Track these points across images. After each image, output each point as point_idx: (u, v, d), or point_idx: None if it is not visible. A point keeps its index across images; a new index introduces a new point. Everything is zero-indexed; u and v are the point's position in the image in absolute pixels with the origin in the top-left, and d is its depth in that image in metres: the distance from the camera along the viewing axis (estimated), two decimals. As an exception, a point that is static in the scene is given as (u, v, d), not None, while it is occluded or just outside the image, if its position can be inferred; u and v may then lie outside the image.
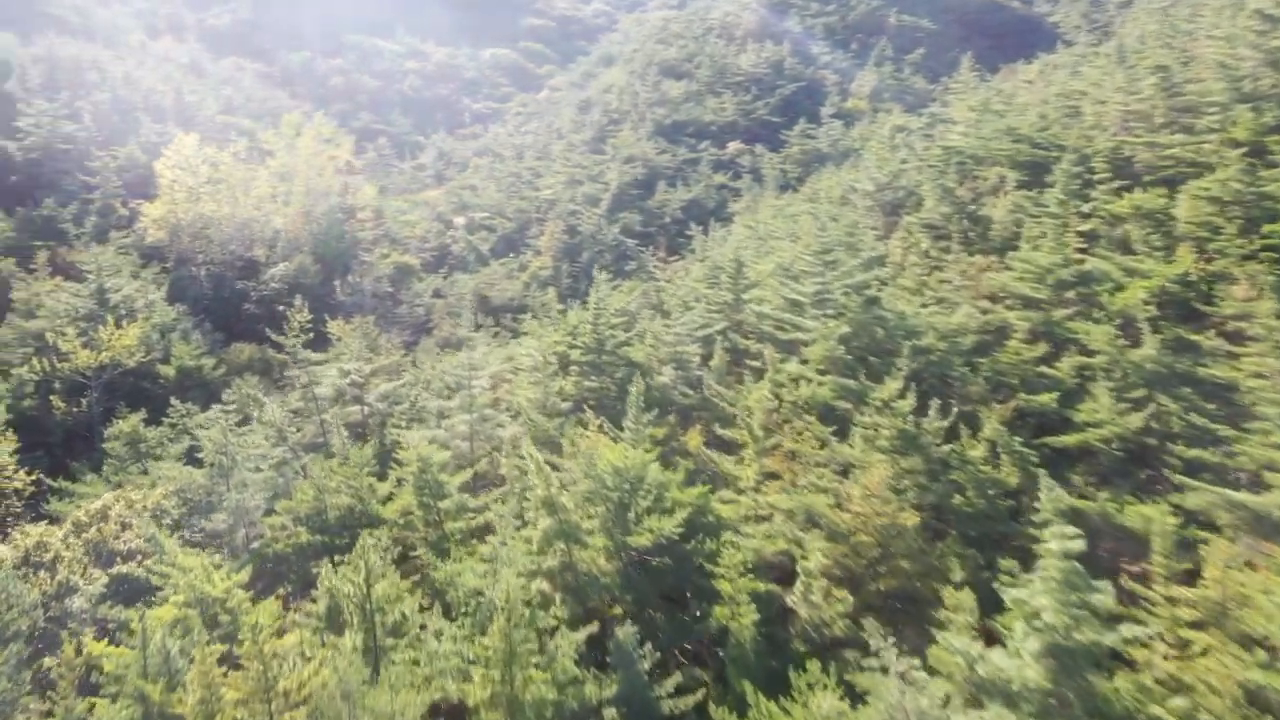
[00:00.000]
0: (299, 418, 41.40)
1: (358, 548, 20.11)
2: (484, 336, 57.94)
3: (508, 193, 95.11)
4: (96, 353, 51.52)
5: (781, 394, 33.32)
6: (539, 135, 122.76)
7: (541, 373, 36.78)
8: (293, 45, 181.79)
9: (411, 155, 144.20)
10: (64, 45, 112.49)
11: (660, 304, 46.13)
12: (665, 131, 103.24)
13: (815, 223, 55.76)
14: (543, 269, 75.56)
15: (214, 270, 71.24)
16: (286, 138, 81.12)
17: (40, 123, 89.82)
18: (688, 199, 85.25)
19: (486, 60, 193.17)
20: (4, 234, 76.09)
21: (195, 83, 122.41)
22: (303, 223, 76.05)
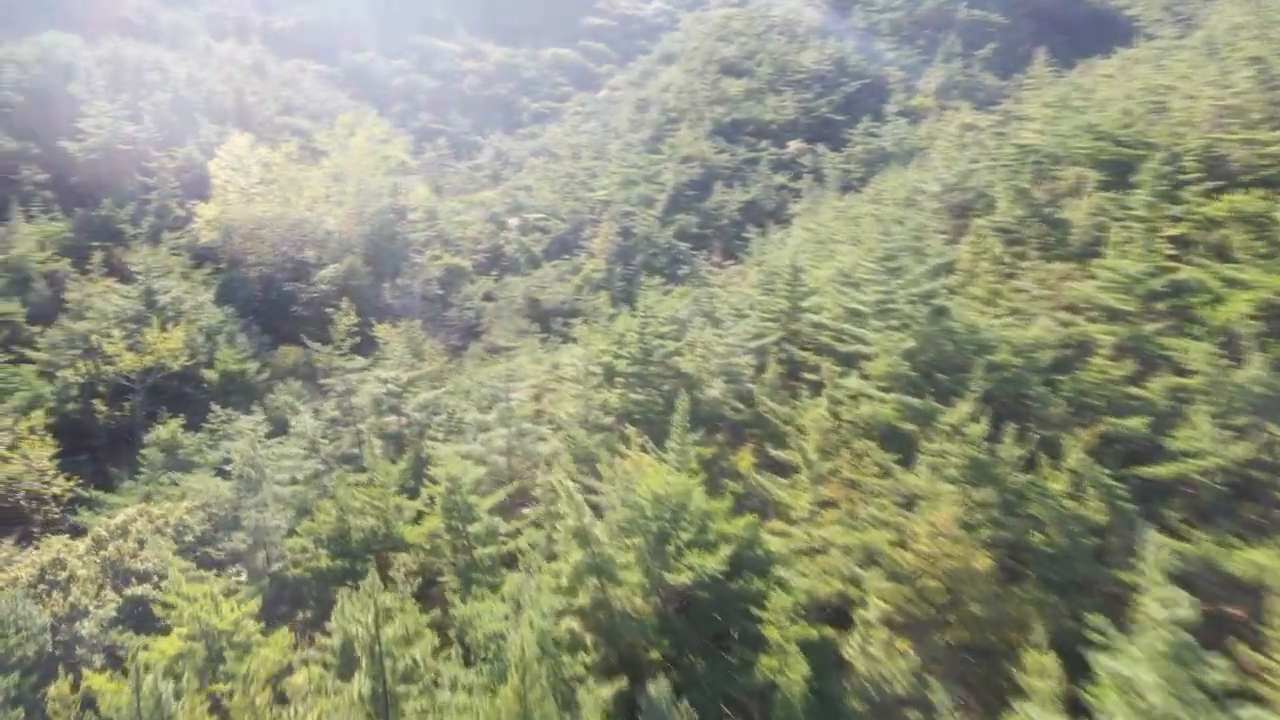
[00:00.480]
0: (335, 427, 39.93)
1: (364, 585, 18.19)
2: (532, 342, 56.13)
3: (562, 193, 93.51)
4: (140, 356, 50.89)
5: (840, 412, 30.82)
6: (595, 135, 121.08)
7: (583, 385, 34.72)
8: (355, 47, 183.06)
9: (469, 155, 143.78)
10: (128, 47, 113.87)
11: (712, 311, 43.78)
12: (724, 130, 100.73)
13: (879, 226, 52.95)
14: (595, 272, 73.73)
15: (265, 272, 70.70)
16: (340, 138, 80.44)
17: (101, 124, 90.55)
18: (746, 200, 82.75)
19: (546, 60, 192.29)
20: (62, 234, 76.61)
21: (256, 84, 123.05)
22: (354, 224, 75.26)
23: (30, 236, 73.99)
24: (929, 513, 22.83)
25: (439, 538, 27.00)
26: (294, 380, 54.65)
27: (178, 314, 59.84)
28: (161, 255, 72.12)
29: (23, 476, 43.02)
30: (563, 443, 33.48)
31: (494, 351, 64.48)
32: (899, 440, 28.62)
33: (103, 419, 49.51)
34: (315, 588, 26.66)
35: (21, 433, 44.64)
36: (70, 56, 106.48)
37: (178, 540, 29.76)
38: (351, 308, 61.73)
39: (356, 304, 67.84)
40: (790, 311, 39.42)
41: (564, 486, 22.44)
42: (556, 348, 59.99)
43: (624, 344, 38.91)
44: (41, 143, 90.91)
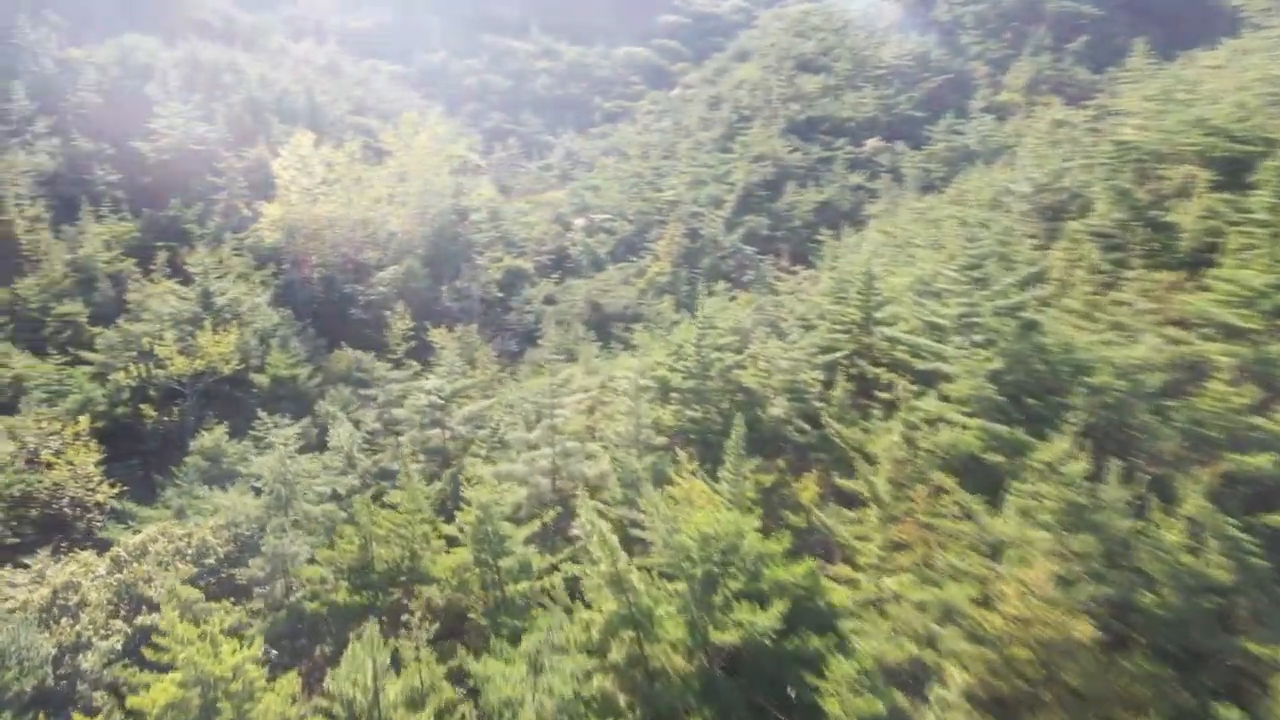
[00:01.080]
0: (376, 439, 38.03)
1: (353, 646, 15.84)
2: (589, 349, 53.77)
3: (629, 193, 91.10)
4: (191, 359, 49.90)
5: (916, 439, 27.63)
6: (666, 134, 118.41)
7: (633, 401, 32.08)
8: (429, 47, 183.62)
9: (540, 155, 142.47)
10: (205, 49, 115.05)
11: (778, 321, 40.77)
12: (798, 128, 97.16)
13: (962, 229, 49.24)
14: (660, 275, 71.11)
15: (325, 273, 69.74)
16: (405, 137, 79.26)
17: (173, 124, 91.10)
18: (819, 201, 79.21)
19: (620, 58, 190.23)
20: (130, 234, 76.87)
21: (329, 84, 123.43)
22: (416, 224, 73.95)
23: (98, 236, 74.31)
24: (1019, 566, 19.66)
25: (468, 571, 24.67)
26: (345, 386, 53.19)
27: (234, 316, 58.97)
28: (223, 256, 71.75)
29: (67, 483, 42.15)
30: (610, 466, 30.93)
31: (551, 358, 62.30)
32: (983, 474, 25.38)
33: (152, 424, 48.59)
34: (333, 623, 24.58)
35: (68, 438, 43.80)
36: (148, 58, 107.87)
37: (198, 563, 28.00)
38: (407, 311, 60.45)
39: (414, 307, 66.55)
40: (863, 323, 36.24)
41: (597, 528, 19.84)
42: (616, 355, 57.57)
43: (680, 356, 36.24)
44: (116, 143, 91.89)
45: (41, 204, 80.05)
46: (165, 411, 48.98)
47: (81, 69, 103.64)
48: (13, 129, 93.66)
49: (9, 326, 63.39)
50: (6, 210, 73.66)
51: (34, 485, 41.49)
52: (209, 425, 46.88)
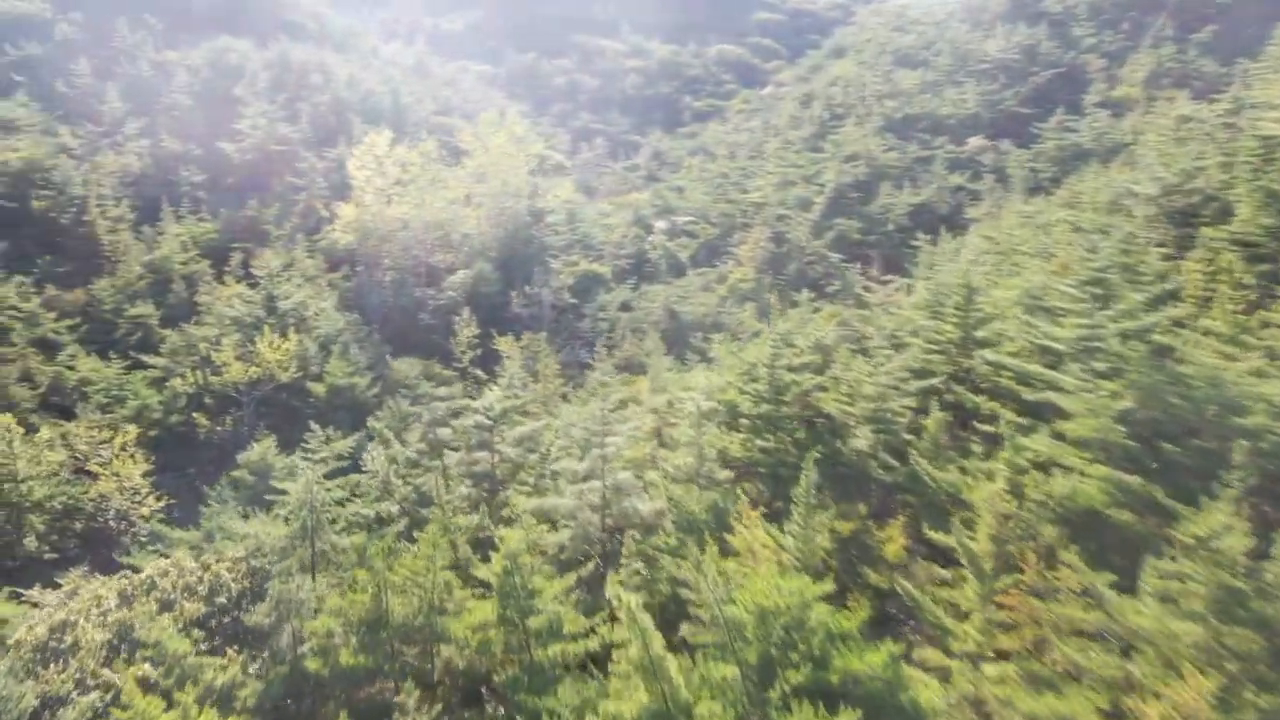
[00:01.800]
0: (423, 461, 35.22)
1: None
2: (660, 363, 50.26)
3: (714, 195, 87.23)
4: (247, 366, 48.17)
5: (1023, 485, 23.37)
6: (755, 133, 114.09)
7: (694, 430, 28.41)
8: (521, 47, 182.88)
9: (626, 156, 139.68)
10: (295, 50, 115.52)
11: (865, 338, 36.55)
12: (895, 126, 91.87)
13: (1077, 236, 44.14)
14: (742, 282, 67.17)
15: (396, 276, 67.91)
16: (484, 137, 77.07)
17: (257, 124, 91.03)
18: (915, 203, 74.11)
19: (712, 56, 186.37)
20: (207, 235, 76.54)
21: (415, 85, 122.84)
22: (490, 226, 71.64)
23: (177, 237, 74.10)
24: (1161, 670, 15.41)
25: (492, 629, 21.45)
26: (405, 397, 50.87)
27: (298, 321, 57.39)
28: (296, 257, 70.61)
29: (113, 495, 40.63)
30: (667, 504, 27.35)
31: (627, 368, 59.00)
32: (1109, 535, 21.07)
33: (205, 433, 46.96)
34: (339, 686, 21.63)
35: (116, 447, 42.32)
36: (239, 59, 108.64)
37: (210, 600, 25.44)
38: (472, 318, 57.92)
39: (483, 313, 64.11)
40: (961, 342, 31.83)
41: (626, 602, 16.31)
42: (692, 367, 53.93)
43: (752, 377, 32.45)
44: (202, 144, 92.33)
45: (126, 205, 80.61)
46: (219, 421, 47.28)
47: (174, 71, 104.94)
48: (105, 130, 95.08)
49: (82, 328, 63.24)
50: (89, 211, 74.03)
51: (78, 497, 40.08)
52: (260, 436, 44.98)
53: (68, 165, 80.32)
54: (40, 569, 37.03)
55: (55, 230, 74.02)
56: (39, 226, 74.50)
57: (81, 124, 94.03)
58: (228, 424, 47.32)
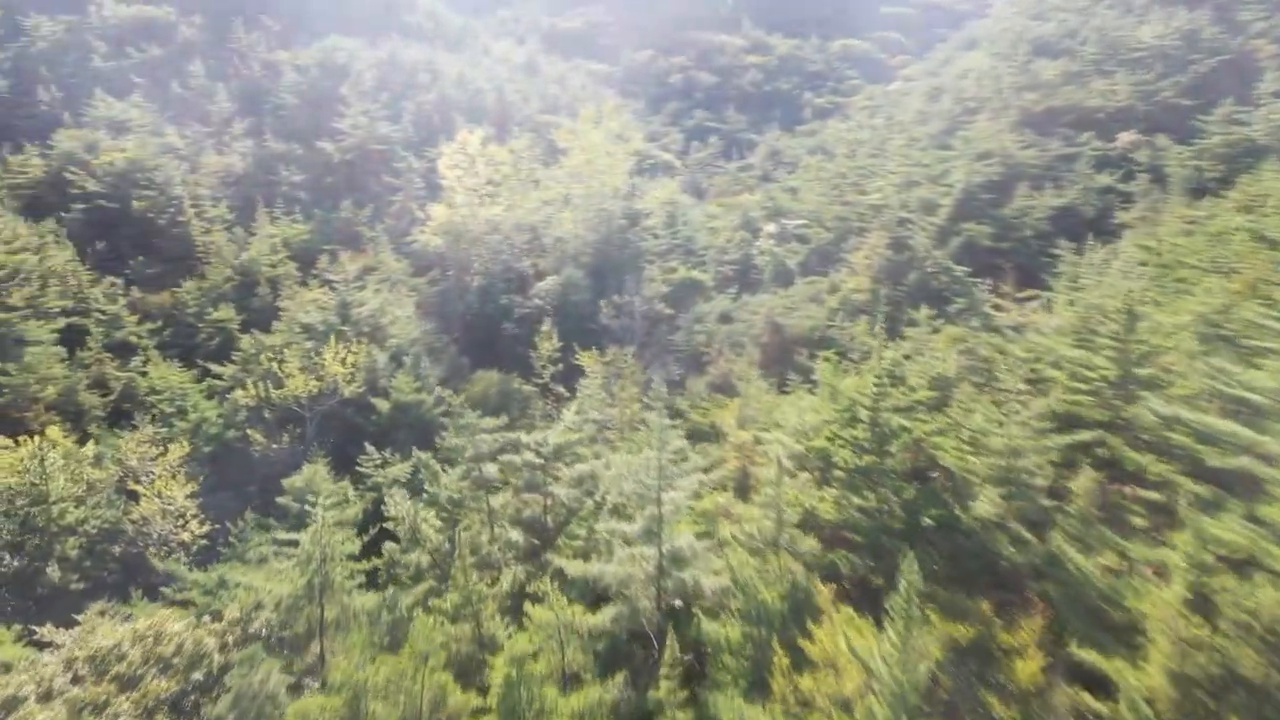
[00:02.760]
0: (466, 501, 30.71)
1: None
2: (755, 386, 44.70)
3: (829, 196, 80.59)
4: (307, 378, 44.86)
5: (1213, 591, 17.18)
6: (878, 130, 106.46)
7: (774, 490, 22.88)
8: (638, 45, 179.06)
9: (741, 155, 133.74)
10: (405, 49, 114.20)
11: (993, 372, 30.19)
12: (1033, 121, 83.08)
13: (1262, 246, 36.50)
14: (856, 292, 60.70)
15: (483, 283, 64.25)
16: (583, 134, 72.74)
17: (358, 124, 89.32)
18: (1057, 205, 65.91)
19: (835, 51, 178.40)
20: (300, 237, 74.69)
21: (524, 83, 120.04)
22: (585, 229, 67.29)
23: (269, 239, 72.43)
24: None
25: (490, 756, 16.68)
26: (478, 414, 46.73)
27: (374, 329, 54.16)
28: (384, 260, 67.83)
29: (154, 518, 37.69)
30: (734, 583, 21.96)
31: (720, 388, 53.51)
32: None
33: (260, 452, 43.79)
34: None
35: (161, 466, 39.45)
36: (348, 59, 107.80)
37: (186, 677, 21.44)
38: (554, 330, 53.51)
39: (571, 323, 59.71)
40: (1120, 383, 25.34)
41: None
42: (794, 389, 48.11)
43: (851, 417, 26.68)
44: (304, 144, 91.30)
45: (224, 205, 79.71)
46: (275, 438, 44.07)
47: (282, 71, 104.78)
48: (213, 131, 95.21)
49: (165, 332, 61.74)
50: (184, 211, 73.05)
51: (116, 520, 37.29)
52: (313, 457, 41.55)
53: (171, 166, 79.95)
54: (71, 600, 34.29)
55: (152, 231, 73.38)
56: (137, 227, 74.03)
57: (190, 125, 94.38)
58: (284, 441, 44.00)
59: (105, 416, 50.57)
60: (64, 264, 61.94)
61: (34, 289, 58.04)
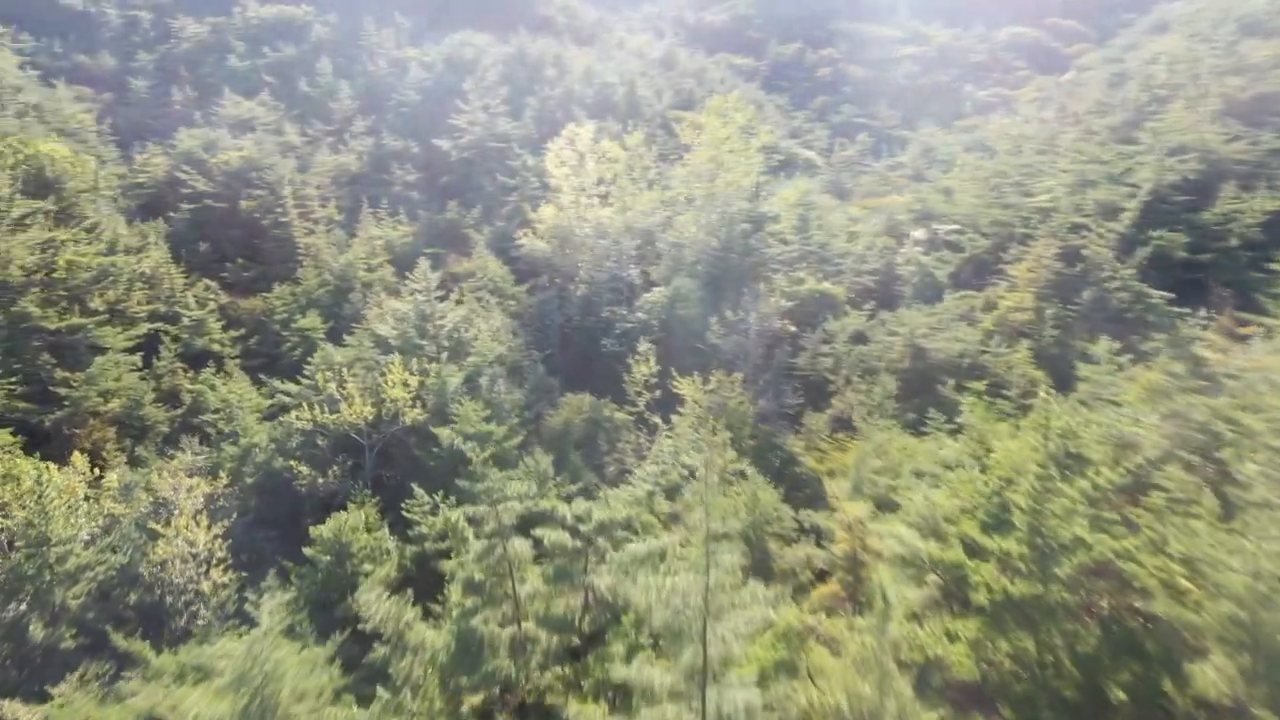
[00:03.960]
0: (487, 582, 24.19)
1: None
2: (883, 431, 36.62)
3: (988, 198, 70.45)
4: (362, 404, 39.52)
5: None
6: (1049, 123, 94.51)
7: (877, 639, 15.33)
8: (785, 38, 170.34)
9: (891, 152, 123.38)
10: (534, 43, 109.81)
11: (1220, 447, 21.37)
12: (1240, 110, 70.28)
13: None
14: (1016, 311, 51.15)
15: (587, 292, 58.04)
16: (711, 129, 65.41)
17: (475, 120, 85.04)
18: (1273, 210, 54.28)
19: (1002, 41, 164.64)
20: (403, 239, 70.62)
21: (657, 77, 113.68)
22: (701, 234, 60.10)
23: (372, 241, 68.65)
24: None
25: None
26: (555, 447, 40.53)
27: (456, 345, 48.72)
28: (486, 266, 62.66)
29: (173, 562, 33.03)
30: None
31: (839, 425, 45.34)
32: None
33: (305, 484, 38.62)
34: None
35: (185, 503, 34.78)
36: (474, 54, 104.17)
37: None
38: (651, 350, 46.71)
39: (678, 340, 52.76)
40: None
41: None
42: (934, 434, 39.67)
43: (996, 519, 18.71)
44: (421, 142, 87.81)
45: (333, 206, 76.72)
46: (322, 470, 38.86)
47: (407, 67, 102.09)
48: (335, 129, 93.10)
49: (251, 340, 58.41)
50: (287, 212, 70.09)
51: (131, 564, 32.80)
52: (356, 496, 36.13)
53: (283, 165, 77.56)
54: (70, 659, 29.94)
55: (256, 232, 70.83)
56: (244, 228, 71.74)
57: (312, 123, 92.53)
58: (331, 476, 38.70)
59: (171, 433, 47.05)
60: (157, 266, 59.46)
61: (119, 292, 55.61)
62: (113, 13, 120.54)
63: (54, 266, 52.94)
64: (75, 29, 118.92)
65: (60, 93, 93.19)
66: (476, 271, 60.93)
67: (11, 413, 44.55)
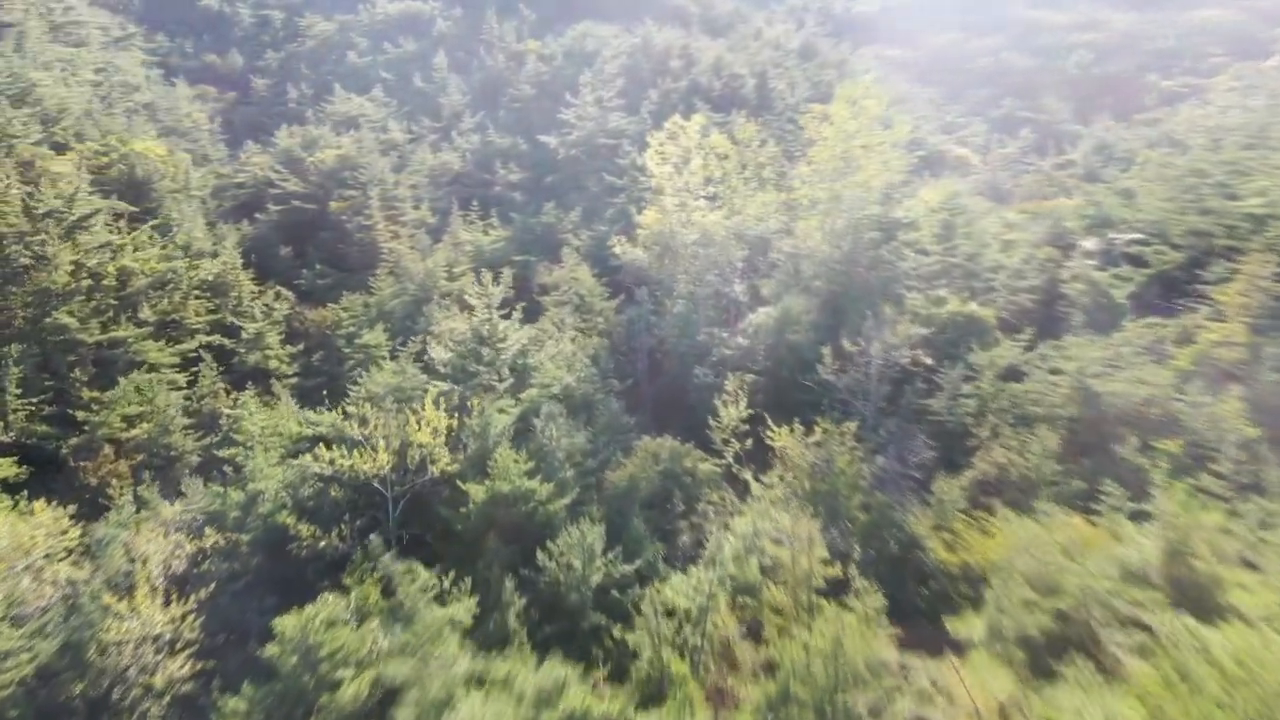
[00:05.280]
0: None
1: None
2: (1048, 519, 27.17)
3: (1180, 202, 58.24)
4: (380, 453, 32.65)
5: None
6: (1255, 113, 79.93)
7: None
8: (941, 27, 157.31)
9: (1060, 149, 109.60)
10: (661, 34, 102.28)
11: None
12: None
13: None
14: (1223, 347, 40.06)
15: (684, 309, 49.90)
16: (840, 122, 56.01)
17: (585, 115, 78.19)
18: None
19: (1192, 25, 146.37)
20: (492, 244, 64.29)
21: (793, 69, 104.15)
22: (823, 244, 50.98)
23: (459, 247, 62.65)
24: None
25: None
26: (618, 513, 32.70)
27: (519, 371, 41.57)
28: (576, 278, 55.50)
29: (125, 645, 26.95)
30: None
31: (985, 491, 35.49)
32: None
33: (305, 542, 31.92)
34: None
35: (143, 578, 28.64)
36: (596, 45, 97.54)
37: None
38: (743, 389, 38.17)
39: (785, 373, 43.96)
40: None
41: None
42: (1108, 514, 29.75)
43: None
44: (530, 139, 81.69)
45: (427, 207, 71.31)
46: (329, 530, 32.15)
47: (524, 60, 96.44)
48: (443, 125, 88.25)
49: (313, 355, 53.17)
50: (371, 214, 64.92)
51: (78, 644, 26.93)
52: (355, 569, 29.26)
53: (380, 163, 72.78)
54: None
55: (343, 235, 66.12)
56: (332, 231, 67.21)
57: (420, 120, 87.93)
58: (334, 538, 31.88)
59: (203, 463, 41.76)
60: (224, 272, 55.03)
61: (175, 301, 51.23)
62: (246, 12, 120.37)
63: (103, 274, 48.95)
64: (211, 29, 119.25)
65: (178, 91, 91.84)
66: (562, 284, 53.85)
67: (29, 436, 40.23)
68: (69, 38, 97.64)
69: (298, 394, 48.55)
